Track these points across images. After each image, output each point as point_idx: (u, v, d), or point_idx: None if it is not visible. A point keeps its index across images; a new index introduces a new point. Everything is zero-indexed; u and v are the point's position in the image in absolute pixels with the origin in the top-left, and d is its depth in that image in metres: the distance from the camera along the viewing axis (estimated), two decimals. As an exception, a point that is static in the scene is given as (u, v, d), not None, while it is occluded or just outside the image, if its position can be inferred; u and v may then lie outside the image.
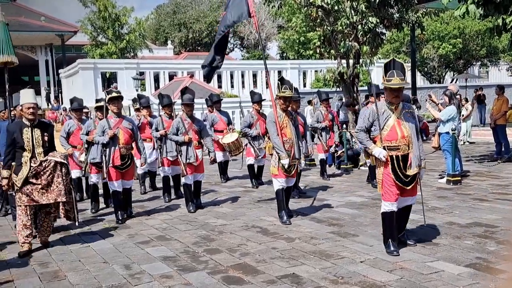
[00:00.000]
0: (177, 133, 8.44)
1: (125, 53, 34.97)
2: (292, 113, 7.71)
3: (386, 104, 5.73)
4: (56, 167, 6.35)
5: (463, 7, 10.06)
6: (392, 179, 5.65)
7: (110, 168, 7.79)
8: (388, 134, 5.65)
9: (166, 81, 30.04)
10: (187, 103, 8.50)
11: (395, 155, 5.63)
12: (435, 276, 4.97)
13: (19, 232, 6.35)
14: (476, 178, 10.41)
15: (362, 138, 5.92)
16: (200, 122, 8.81)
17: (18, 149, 6.33)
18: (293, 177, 7.63)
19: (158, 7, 53.38)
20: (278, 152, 7.24)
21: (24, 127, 6.38)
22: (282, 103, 7.36)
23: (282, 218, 7.43)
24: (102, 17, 33.83)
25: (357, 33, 14.61)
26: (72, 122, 9.57)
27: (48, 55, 37.83)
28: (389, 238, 5.79)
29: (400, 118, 5.65)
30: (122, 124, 7.87)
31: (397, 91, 5.57)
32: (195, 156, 8.38)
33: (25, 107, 6.41)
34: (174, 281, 5.15)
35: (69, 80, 31.84)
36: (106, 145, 7.78)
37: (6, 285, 5.23)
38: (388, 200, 5.72)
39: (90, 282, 5.21)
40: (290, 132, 7.36)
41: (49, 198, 6.31)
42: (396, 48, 31.06)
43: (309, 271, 5.26)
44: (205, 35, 49.67)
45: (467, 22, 28.54)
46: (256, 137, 10.40)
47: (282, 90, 7.29)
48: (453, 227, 6.69)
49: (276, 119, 7.27)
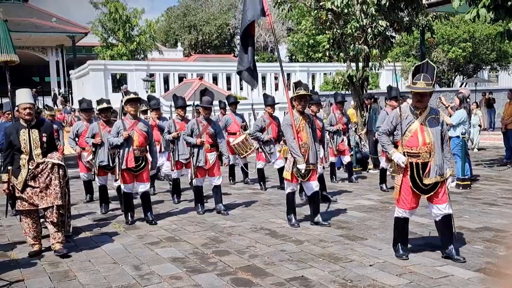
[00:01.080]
0: (191, 135, 8.32)
1: (135, 55, 35.12)
2: (310, 116, 7.52)
3: (411, 108, 5.57)
4: (53, 169, 6.17)
5: (473, 11, 10.02)
6: (409, 187, 5.50)
7: (122, 170, 7.68)
8: (409, 140, 5.48)
9: (176, 83, 30.10)
10: (206, 106, 8.34)
11: (414, 162, 5.46)
12: (444, 281, 4.96)
13: (26, 234, 6.31)
14: (486, 183, 10.37)
15: (383, 142, 5.80)
16: (215, 125, 8.60)
17: (15, 151, 6.15)
18: (311, 180, 7.30)
19: (169, 9, 53.53)
20: (295, 156, 7.06)
21: (21, 129, 6.18)
22: (297, 104, 7.17)
23: (290, 221, 7.39)
24: (113, 18, 33.98)
25: (366, 36, 14.55)
26: (81, 123, 9.55)
27: (59, 56, 38.14)
28: (399, 242, 5.74)
29: (424, 124, 5.45)
30: (138, 126, 7.77)
31: (421, 95, 5.41)
32: (204, 160, 8.25)
33: (21, 108, 6.17)
34: (183, 282, 5.17)
35: (79, 81, 32.00)
36: (120, 146, 7.66)
37: (17, 284, 5.27)
38: (402, 207, 5.63)
39: (100, 282, 5.24)
40: (306, 136, 7.19)
41: (47, 202, 6.14)
42: (406, 52, 30.97)
43: (318, 274, 5.26)
44: (214, 38, 49.76)
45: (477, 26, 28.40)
46: (268, 142, 10.28)
47: (296, 91, 7.12)
48: (462, 231, 6.67)
49: (292, 122, 7.11)
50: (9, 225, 8.03)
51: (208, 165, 8.30)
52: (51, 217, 6.22)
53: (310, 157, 7.18)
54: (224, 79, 30.96)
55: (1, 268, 5.78)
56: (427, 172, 5.44)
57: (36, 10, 38.09)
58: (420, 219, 7.46)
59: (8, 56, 7.51)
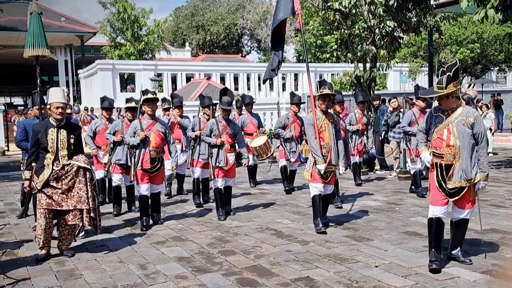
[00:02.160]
0: (211, 135, 8.12)
1: (143, 55, 35.21)
2: (334, 116, 7.32)
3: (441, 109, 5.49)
4: (79, 172, 6.03)
5: (482, 12, 9.99)
6: (436, 186, 5.44)
7: (138, 171, 7.49)
8: (435, 140, 5.44)
9: (183, 82, 30.16)
10: (225, 108, 8.12)
11: (439, 163, 5.39)
12: (450, 282, 4.95)
13: (38, 236, 6.07)
14: (493, 184, 10.31)
15: (419, 139, 5.78)
16: (235, 125, 8.39)
17: (41, 150, 6.02)
18: (330, 184, 7.24)
19: (177, 9, 53.63)
20: (314, 156, 6.93)
21: (50, 128, 6.04)
22: (321, 103, 6.99)
23: (317, 226, 7.05)
24: (121, 18, 34.08)
25: (374, 36, 14.55)
26: (99, 121, 9.32)
27: (67, 55, 38.25)
28: (432, 247, 5.43)
29: (451, 126, 5.30)
30: (155, 126, 7.57)
31: (439, 98, 5.33)
32: (225, 160, 8.03)
33: (53, 106, 6.04)
34: (188, 281, 5.19)
35: (87, 80, 32.13)
36: (136, 147, 7.47)
37: (24, 282, 5.31)
38: (435, 204, 5.46)
39: (106, 281, 5.27)
40: (329, 136, 7.01)
41: (68, 204, 6.00)
42: (414, 52, 30.90)
43: (323, 275, 5.27)
44: (222, 38, 49.79)
45: (485, 27, 28.29)
46: (289, 140, 10.13)
47: (320, 90, 6.94)
48: (469, 233, 6.60)
49: (315, 122, 6.94)
50: (17, 223, 8.08)
51: (228, 165, 8.10)
52: (73, 220, 6.08)
53: (332, 158, 7.00)
54: (232, 79, 30.99)
55: (8, 266, 5.83)
56: (450, 175, 5.32)
57: (45, 10, 38.23)
58: (426, 220, 7.40)
59: (40, 50, 7.31)
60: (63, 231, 6.19)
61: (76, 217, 6.08)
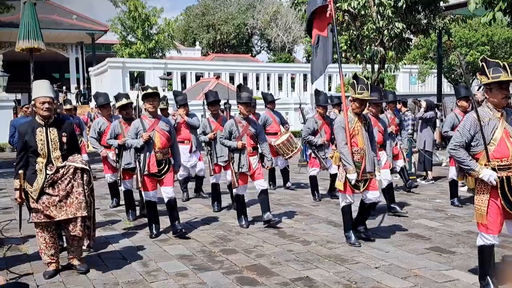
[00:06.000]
0: (230, 137, 7.31)
1: (153, 53, 35.37)
2: (367, 118, 6.54)
3: (489, 110, 4.60)
4: (76, 174, 5.27)
5: (490, 14, 9.97)
6: (498, 208, 4.55)
7: (145, 176, 6.80)
8: (496, 150, 4.49)
9: (193, 81, 30.27)
10: (246, 102, 7.23)
11: (505, 176, 4.47)
12: (449, 285, 4.96)
13: (42, 251, 5.42)
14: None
15: (462, 157, 4.59)
16: (257, 125, 7.60)
17: (31, 154, 5.26)
18: (369, 190, 6.39)
19: (188, 8, 53.75)
20: (345, 164, 6.15)
21: (38, 127, 5.28)
22: (357, 107, 6.24)
23: (349, 239, 6.41)
24: (132, 17, 34.26)
25: (383, 38, 14.55)
26: (102, 120, 8.67)
27: (78, 53, 38.57)
28: (486, 274, 4.77)
29: (507, 128, 4.52)
30: (159, 125, 6.83)
31: (507, 89, 4.50)
32: (248, 165, 7.27)
33: (38, 102, 5.26)
34: (189, 279, 5.23)
35: (98, 78, 32.34)
36: (140, 150, 6.75)
37: (26, 277, 5.37)
38: (492, 232, 4.64)
39: (107, 278, 5.32)
40: (362, 141, 6.24)
41: (67, 213, 5.22)
42: (423, 54, 30.72)
43: (323, 275, 5.29)
44: (232, 37, 49.86)
45: (495, 30, 28.11)
46: (321, 146, 9.19)
47: (358, 91, 6.16)
48: (471, 236, 6.63)
49: (346, 125, 6.20)
50: (22, 219, 8.12)
51: (251, 170, 7.33)
52: (74, 230, 5.32)
53: (366, 165, 6.26)
54: (241, 79, 31.04)
55: (13, 261, 5.90)
56: None
57: (57, 8, 38.58)
58: (429, 222, 7.46)
59: (36, 43, 6.56)
60: (71, 241, 5.51)
61: (76, 227, 5.32)
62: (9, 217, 8.35)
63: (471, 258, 5.69)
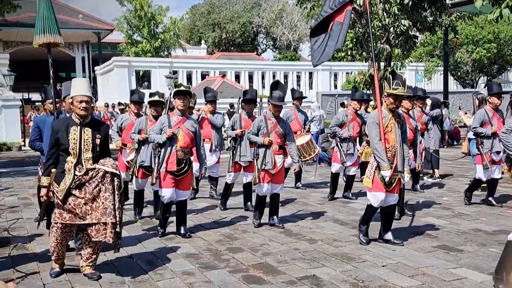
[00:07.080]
0: (258, 134, 7.22)
1: (159, 52, 35.45)
2: (401, 115, 6.38)
3: None
4: (105, 178, 5.10)
5: (496, 11, 9.89)
6: None
7: (162, 172, 6.66)
8: None
9: (199, 80, 30.32)
10: (276, 103, 7.15)
11: None
12: (457, 283, 4.93)
13: (53, 250, 5.27)
14: (506, 185, 10.20)
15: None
16: (286, 124, 7.41)
17: (62, 152, 5.13)
18: (393, 192, 6.27)
19: (193, 7, 53.88)
20: (379, 160, 6.02)
21: (72, 126, 5.14)
22: (391, 103, 6.09)
23: (361, 232, 6.41)
24: (138, 16, 34.37)
25: (389, 35, 14.47)
26: (126, 116, 8.52)
27: (84, 52, 38.73)
28: None
29: None
30: (185, 124, 6.71)
31: None
32: (272, 162, 7.10)
33: (76, 100, 5.12)
34: (195, 278, 5.22)
35: (104, 77, 32.44)
36: (162, 145, 6.68)
37: (33, 276, 5.38)
38: None
39: (114, 276, 5.32)
40: (395, 138, 6.11)
41: (92, 217, 5.08)
42: (429, 52, 30.66)
43: (329, 273, 5.27)
44: (238, 36, 49.90)
45: (502, 27, 28.01)
46: (346, 140, 9.05)
47: (393, 86, 6.05)
48: (479, 234, 6.60)
49: (380, 121, 6.08)
50: (29, 218, 8.18)
51: (276, 169, 7.17)
52: (96, 236, 5.13)
53: (398, 164, 6.12)
54: (247, 77, 31.06)
55: (19, 260, 5.91)
56: None
57: (63, 7, 38.69)
58: (436, 221, 7.42)
59: (52, 37, 6.24)
60: (87, 248, 5.31)
61: (99, 232, 5.13)
62: (16, 216, 8.37)
63: (479, 256, 5.66)
